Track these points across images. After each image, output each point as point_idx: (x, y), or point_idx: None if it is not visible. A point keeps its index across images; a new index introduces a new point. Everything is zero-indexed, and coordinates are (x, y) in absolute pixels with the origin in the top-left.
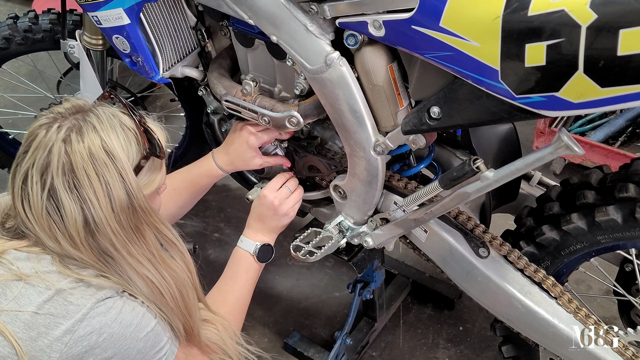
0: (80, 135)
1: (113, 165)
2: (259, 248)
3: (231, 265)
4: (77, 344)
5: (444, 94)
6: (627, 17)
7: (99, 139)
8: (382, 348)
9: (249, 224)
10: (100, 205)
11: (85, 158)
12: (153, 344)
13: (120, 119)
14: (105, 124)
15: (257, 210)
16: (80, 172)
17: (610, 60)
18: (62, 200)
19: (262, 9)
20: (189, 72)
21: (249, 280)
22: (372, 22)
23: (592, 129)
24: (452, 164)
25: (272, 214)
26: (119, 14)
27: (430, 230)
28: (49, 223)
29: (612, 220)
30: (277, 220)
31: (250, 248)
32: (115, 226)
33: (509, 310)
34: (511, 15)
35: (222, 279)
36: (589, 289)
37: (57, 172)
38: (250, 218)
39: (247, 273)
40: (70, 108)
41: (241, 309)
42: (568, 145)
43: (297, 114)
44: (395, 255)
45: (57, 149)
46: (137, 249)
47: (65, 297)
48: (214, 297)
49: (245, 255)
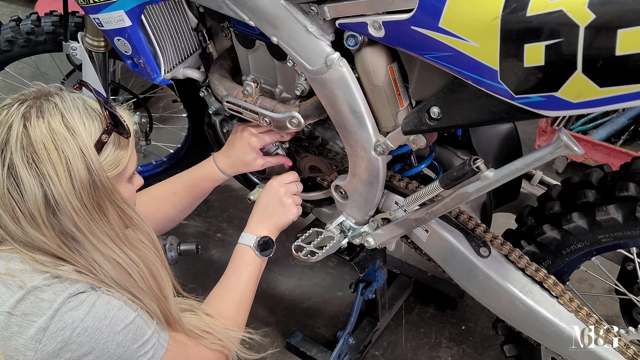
0: (41, 112)
1: (73, 140)
2: (259, 241)
3: (233, 261)
4: (50, 341)
5: (443, 94)
6: (625, 17)
7: (60, 115)
8: (384, 347)
9: (250, 218)
10: (60, 181)
11: (44, 132)
12: (134, 337)
13: (84, 100)
14: (68, 103)
15: (262, 200)
16: (38, 146)
17: (609, 60)
18: (21, 176)
19: (263, 11)
20: (191, 74)
21: (251, 274)
22: (372, 22)
23: (595, 128)
24: (453, 163)
25: (277, 204)
26: (121, 16)
27: (431, 230)
28: (11, 202)
29: (612, 219)
30: (280, 213)
31: (251, 242)
32: (77, 204)
33: (510, 309)
34: (510, 16)
35: (225, 275)
36: (591, 287)
37: (15, 147)
38: (254, 210)
39: (248, 267)
40: (35, 91)
41: (245, 304)
42: (567, 144)
43: (298, 114)
44: (398, 254)
45: (16, 124)
46: (99, 228)
47: (37, 294)
48: (217, 292)
49: (246, 249)
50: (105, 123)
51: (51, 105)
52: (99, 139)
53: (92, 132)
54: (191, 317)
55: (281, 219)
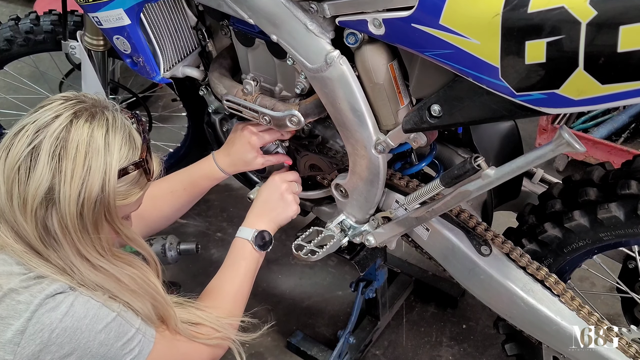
0: (92, 117)
1: (104, 155)
2: (256, 234)
3: (230, 255)
4: (29, 343)
5: (444, 92)
6: (627, 14)
7: (105, 129)
8: (385, 346)
9: (250, 212)
10: (71, 184)
11: (84, 136)
12: (117, 336)
13: (131, 129)
14: (118, 123)
15: (263, 194)
16: (72, 144)
17: (611, 57)
18: (40, 161)
19: (262, 9)
20: (190, 72)
21: (247, 269)
22: (372, 20)
23: (596, 126)
24: (454, 162)
25: (278, 198)
26: (120, 15)
27: (432, 229)
28: (15, 178)
29: (614, 217)
30: (280, 208)
31: (248, 235)
32: (73, 211)
33: (512, 308)
34: (511, 13)
35: (221, 268)
36: (592, 286)
37: (51, 134)
38: (254, 203)
39: (245, 261)
40: (94, 99)
41: (241, 298)
42: (569, 142)
43: (298, 113)
44: (398, 253)
45: (64, 117)
46: (87, 239)
47: (14, 297)
48: (212, 286)
49: (244, 243)
50: (139, 157)
51: (103, 117)
52: (126, 167)
53: (123, 158)
54: (180, 311)
55: (281, 214)
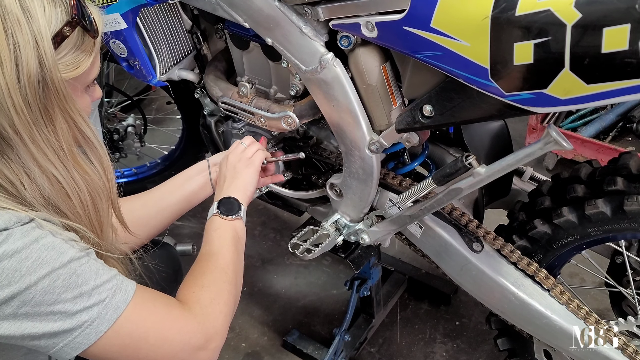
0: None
1: (28, 25)
2: (218, 203)
3: (204, 235)
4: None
5: (436, 93)
6: (610, 16)
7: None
8: (380, 344)
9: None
10: (4, 70)
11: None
12: (65, 285)
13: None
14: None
15: (220, 173)
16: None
17: (595, 58)
18: None
19: (257, 12)
20: (186, 75)
21: (222, 238)
22: (365, 23)
23: (584, 125)
24: (446, 161)
25: (232, 167)
26: (116, 19)
27: (425, 226)
28: None
29: (601, 212)
30: (240, 170)
31: (213, 209)
32: (19, 100)
33: (503, 303)
34: (499, 15)
35: (200, 251)
36: (582, 281)
37: None
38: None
39: (216, 231)
40: None
41: (226, 267)
42: (557, 140)
43: (293, 114)
44: (392, 252)
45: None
46: (42, 135)
47: None
48: (194, 268)
49: (212, 218)
50: (70, 14)
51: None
52: (59, 31)
53: (52, 21)
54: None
55: (242, 176)
